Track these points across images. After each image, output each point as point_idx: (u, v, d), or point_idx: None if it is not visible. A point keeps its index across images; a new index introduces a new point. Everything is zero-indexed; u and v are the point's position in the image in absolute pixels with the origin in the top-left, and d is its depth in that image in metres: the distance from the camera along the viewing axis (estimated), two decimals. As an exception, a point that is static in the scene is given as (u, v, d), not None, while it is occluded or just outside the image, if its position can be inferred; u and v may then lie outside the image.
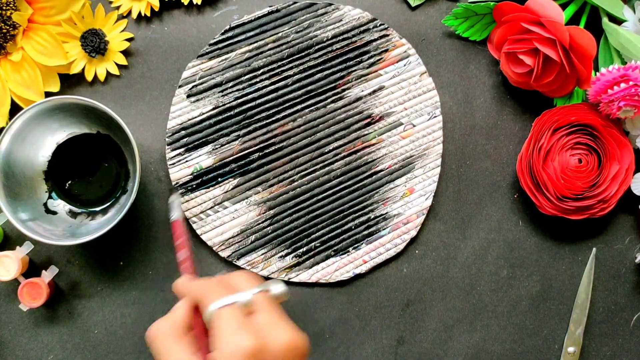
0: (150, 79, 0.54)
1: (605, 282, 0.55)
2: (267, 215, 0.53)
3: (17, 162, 0.50)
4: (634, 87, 0.48)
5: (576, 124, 0.52)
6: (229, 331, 0.36)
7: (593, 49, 0.49)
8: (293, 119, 0.54)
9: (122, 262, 0.54)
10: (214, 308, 0.37)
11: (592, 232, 0.55)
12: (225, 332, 0.36)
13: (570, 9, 0.53)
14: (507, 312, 0.55)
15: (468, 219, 0.55)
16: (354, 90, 0.54)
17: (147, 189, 0.54)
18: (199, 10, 0.55)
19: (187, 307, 0.40)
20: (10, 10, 0.50)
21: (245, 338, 0.35)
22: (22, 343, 0.53)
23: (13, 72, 0.52)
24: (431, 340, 0.54)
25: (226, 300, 0.37)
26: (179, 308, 0.40)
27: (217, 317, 0.36)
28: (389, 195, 0.54)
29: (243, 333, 0.35)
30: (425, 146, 0.55)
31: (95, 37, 0.52)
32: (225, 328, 0.36)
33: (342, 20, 0.54)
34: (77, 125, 0.52)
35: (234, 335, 0.35)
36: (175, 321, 0.39)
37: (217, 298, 0.37)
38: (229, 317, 0.36)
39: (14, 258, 0.50)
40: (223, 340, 0.35)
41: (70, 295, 0.53)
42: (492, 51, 0.55)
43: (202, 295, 0.38)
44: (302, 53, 0.54)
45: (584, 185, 0.52)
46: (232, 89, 0.53)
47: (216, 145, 0.53)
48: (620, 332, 0.55)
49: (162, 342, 0.38)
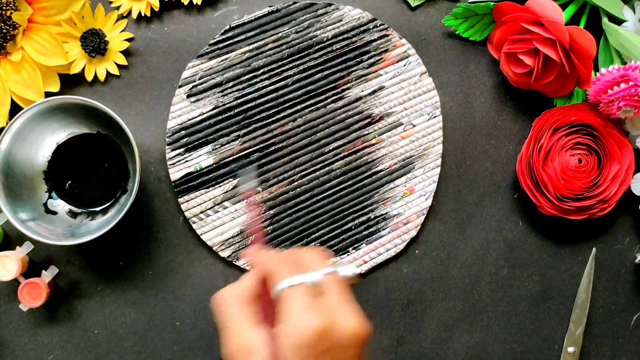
0: (150, 79, 0.54)
1: (605, 282, 0.55)
2: (267, 215, 0.53)
3: (17, 162, 0.50)
4: (633, 87, 0.48)
5: (576, 124, 0.52)
6: (297, 310, 0.35)
7: (593, 49, 0.49)
8: (293, 119, 0.54)
9: (122, 262, 0.54)
10: (283, 286, 0.37)
11: (592, 232, 0.55)
12: (293, 311, 0.35)
13: (570, 9, 0.53)
14: (507, 312, 0.55)
15: (468, 219, 0.55)
16: (354, 90, 0.54)
17: (147, 189, 0.54)
18: (199, 11, 0.55)
19: (256, 277, 0.39)
20: (10, 10, 0.50)
21: (313, 318, 0.35)
22: (22, 343, 0.53)
23: (13, 72, 0.52)
24: (431, 340, 0.54)
25: (296, 279, 0.37)
26: (247, 278, 0.39)
27: (286, 295, 0.36)
28: (389, 195, 0.54)
29: (311, 313, 0.35)
30: (425, 146, 0.55)
31: (95, 37, 0.52)
32: (294, 306, 0.36)
33: (342, 20, 0.54)
34: (77, 125, 0.52)
35: (302, 315, 0.35)
36: (242, 290, 0.39)
37: (287, 275, 0.37)
38: (298, 296, 0.36)
39: (14, 258, 0.50)
40: (291, 318, 0.35)
41: (70, 295, 0.53)
42: (492, 51, 0.55)
43: (272, 270, 0.38)
44: (302, 53, 0.54)
45: (584, 186, 0.52)
46: (232, 89, 0.53)
47: (216, 145, 0.53)
48: (620, 332, 0.55)
49: (227, 309, 0.38)
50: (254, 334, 0.36)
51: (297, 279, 0.37)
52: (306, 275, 0.37)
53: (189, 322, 0.53)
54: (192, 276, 0.54)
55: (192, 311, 0.53)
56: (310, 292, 0.37)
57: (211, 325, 0.53)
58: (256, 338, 0.36)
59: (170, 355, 0.53)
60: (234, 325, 0.37)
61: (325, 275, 0.38)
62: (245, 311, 0.38)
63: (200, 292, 0.53)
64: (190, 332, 0.53)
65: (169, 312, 0.53)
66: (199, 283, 0.54)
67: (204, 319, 0.53)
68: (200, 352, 0.53)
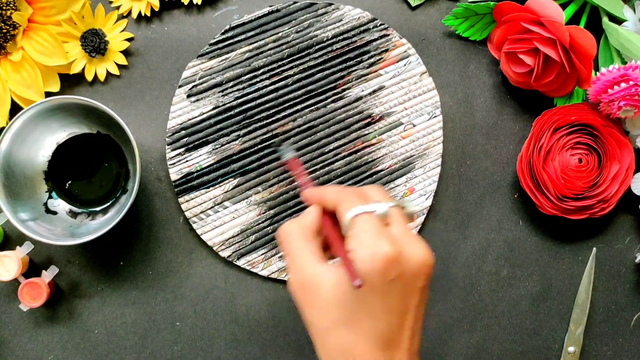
0: (150, 78, 0.54)
1: (605, 282, 0.55)
2: (267, 215, 0.53)
3: (17, 162, 0.50)
4: (634, 87, 0.48)
5: (576, 123, 0.52)
6: (369, 236, 0.36)
7: (593, 49, 0.49)
8: (293, 119, 0.54)
9: (122, 262, 0.54)
10: (354, 213, 0.37)
11: (592, 231, 0.55)
12: (365, 236, 0.36)
13: (570, 8, 0.53)
14: (507, 312, 0.55)
15: (468, 218, 0.55)
16: (354, 90, 0.54)
17: (147, 189, 0.54)
18: (199, 10, 0.55)
19: (318, 211, 0.40)
20: (10, 10, 0.50)
21: (386, 244, 0.35)
22: (22, 343, 0.53)
23: (13, 72, 0.52)
24: (431, 340, 0.54)
25: (366, 207, 0.37)
26: (309, 212, 0.40)
27: (358, 221, 0.37)
28: (389, 195, 0.54)
29: (383, 239, 0.35)
30: (425, 146, 0.55)
31: (96, 37, 0.52)
32: (366, 232, 0.36)
33: (342, 20, 0.54)
34: (77, 125, 0.52)
35: (375, 240, 0.35)
36: (306, 223, 0.39)
37: (353, 205, 0.37)
38: (369, 223, 0.36)
39: (14, 258, 0.50)
40: (364, 243, 0.35)
41: (70, 295, 0.53)
42: (492, 51, 0.55)
43: (339, 200, 0.39)
44: (302, 53, 0.54)
45: (584, 185, 0.52)
46: (232, 88, 0.53)
47: (216, 145, 0.53)
48: (620, 332, 0.55)
49: (292, 242, 0.39)
50: (318, 267, 0.37)
51: (367, 207, 0.37)
52: (375, 204, 0.38)
53: (189, 322, 0.53)
54: (192, 276, 0.54)
55: (192, 311, 0.53)
56: (380, 221, 0.37)
57: (211, 325, 0.53)
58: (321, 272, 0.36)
59: (170, 355, 0.53)
60: (299, 260, 0.37)
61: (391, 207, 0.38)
62: (310, 245, 0.38)
63: (200, 292, 0.53)
64: (190, 332, 0.53)
65: (169, 312, 0.53)
66: (199, 283, 0.54)
67: (204, 318, 0.53)
68: (200, 352, 0.53)
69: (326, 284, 0.36)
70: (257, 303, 0.54)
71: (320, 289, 0.36)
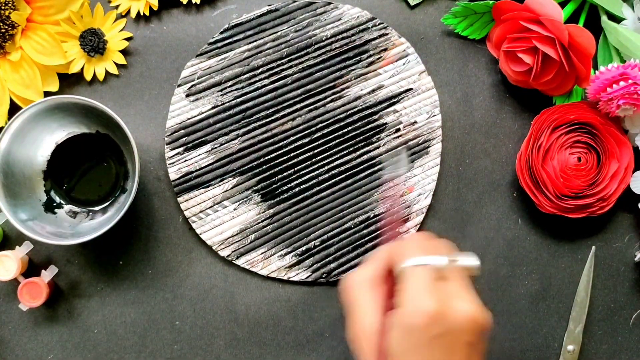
0: (149, 78, 0.54)
1: (604, 281, 0.55)
2: (267, 214, 0.53)
3: (17, 161, 0.50)
4: (633, 86, 0.48)
5: (575, 122, 0.52)
6: (415, 290, 0.36)
7: (592, 48, 0.49)
8: (292, 118, 0.54)
9: (122, 262, 0.54)
10: (408, 264, 0.37)
11: (591, 230, 0.55)
12: (412, 290, 0.36)
13: (569, 7, 0.53)
14: (507, 310, 0.55)
15: (467, 217, 0.55)
16: (353, 89, 0.54)
17: (147, 188, 0.54)
18: (197, 10, 0.54)
19: (383, 262, 0.40)
20: (9, 9, 0.50)
21: (430, 300, 0.35)
22: (21, 343, 0.53)
23: (12, 72, 0.51)
24: (431, 338, 0.54)
25: (421, 260, 0.37)
26: (373, 261, 0.40)
27: (409, 273, 0.37)
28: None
29: (429, 295, 0.35)
30: (424, 145, 0.55)
31: (94, 36, 0.52)
32: (413, 286, 0.36)
33: (341, 19, 0.54)
34: (76, 125, 0.52)
35: (420, 295, 0.35)
36: (369, 273, 0.39)
37: (414, 255, 0.37)
38: (419, 277, 0.36)
39: (13, 258, 0.50)
40: (409, 297, 0.35)
41: (70, 295, 0.53)
42: (491, 50, 0.55)
43: (398, 252, 0.39)
44: (301, 52, 0.54)
45: (583, 184, 0.52)
46: (231, 88, 0.53)
47: (215, 144, 0.53)
48: (619, 330, 0.55)
49: (354, 292, 0.39)
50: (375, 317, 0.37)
51: (422, 259, 0.37)
52: (431, 257, 0.37)
53: (189, 321, 0.53)
54: (192, 275, 0.54)
55: (191, 310, 0.53)
56: (433, 274, 0.37)
57: (211, 324, 0.53)
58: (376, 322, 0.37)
59: (170, 354, 0.53)
60: (359, 309, 0.38)
61: (450, 261, 0.38)
62: (371, 295, 0.38)
63: (199, 292, 0.54)
64: (190, 332, 0.53)
65: (169, 311, 0.53)
66: (198, 282, 0.54)
67: (203, 318, 0.53)
68: (200, 351, 0.53)
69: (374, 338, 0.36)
70: (257, 302, 0.54)
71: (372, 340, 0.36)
